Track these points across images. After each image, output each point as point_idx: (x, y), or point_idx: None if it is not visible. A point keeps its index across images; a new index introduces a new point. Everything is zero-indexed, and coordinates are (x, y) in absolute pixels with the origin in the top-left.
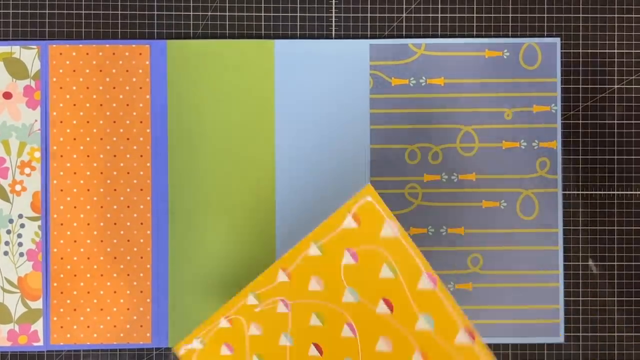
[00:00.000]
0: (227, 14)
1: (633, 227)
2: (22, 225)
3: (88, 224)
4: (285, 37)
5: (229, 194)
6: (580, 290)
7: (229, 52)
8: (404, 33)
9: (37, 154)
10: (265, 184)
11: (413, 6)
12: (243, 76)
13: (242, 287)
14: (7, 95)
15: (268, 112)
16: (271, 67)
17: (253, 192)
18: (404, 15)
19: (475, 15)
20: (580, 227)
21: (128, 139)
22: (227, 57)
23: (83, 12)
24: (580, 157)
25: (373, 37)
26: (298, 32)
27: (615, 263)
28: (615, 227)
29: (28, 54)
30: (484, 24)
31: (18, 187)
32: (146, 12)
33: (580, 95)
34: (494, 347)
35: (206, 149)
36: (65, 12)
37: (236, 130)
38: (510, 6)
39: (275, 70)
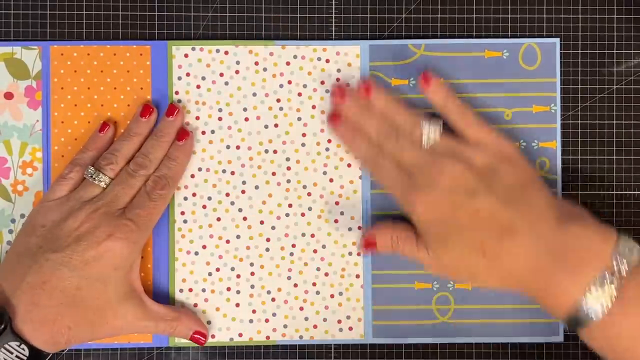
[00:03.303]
0: (227, 14)
1: (632, 227)
2: None
3: None
4: (285, 37)
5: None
6: None
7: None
8: (403, 33)
9: (39, 154)
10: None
11: (413, 7)
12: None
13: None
14: (9, 96)
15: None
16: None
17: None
18: (404, 15)
19: (474, 15)
20: None
21: None
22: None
23: (84, 12)
24: (579, 157)
25: (373, 37)
26: (298, 33)
27: None
28: (614, 227)
29: (29, 55)
30: (483, 24)
31: (20, 187)
32: (147, 13)
33: (580, 95)
34: (493, 347)
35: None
36: (66, 12)
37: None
38: (509, 7)
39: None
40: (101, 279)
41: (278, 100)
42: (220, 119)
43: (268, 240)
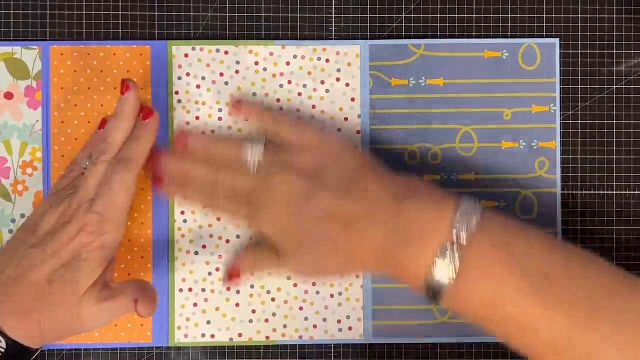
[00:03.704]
0: (227, 14)
1: (632, 227)
2: None
3: None
4: (285, 37)
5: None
6: None
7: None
8: (403, 33)
9: (39, 154)
10: None
11: (413, 7)
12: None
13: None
14: (9, 96)
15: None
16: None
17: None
18: (404, 15)
19: (474, 15)
20: (579, 227)
21: None
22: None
23: (84, 12)
24: (579, 157)
25: (373, 37)
26: (298, 33)
27: (614, 263)
28: (614, 227)
29: (29, 55)
30: (483, 24)
31: (20, 187)
32: (147, 13)
33: (580, 95)
34: (493, 347)
35: None
36: (66, 12)
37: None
38: (509, 7)
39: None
40: (72, 272)
41: (278, 100)
42: (220, 119)
43: None
